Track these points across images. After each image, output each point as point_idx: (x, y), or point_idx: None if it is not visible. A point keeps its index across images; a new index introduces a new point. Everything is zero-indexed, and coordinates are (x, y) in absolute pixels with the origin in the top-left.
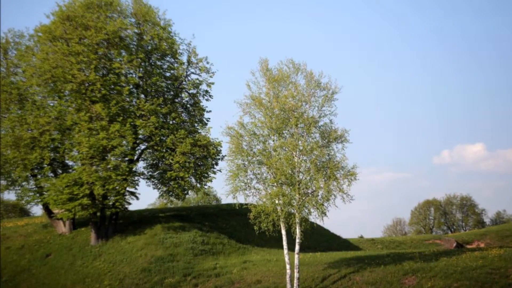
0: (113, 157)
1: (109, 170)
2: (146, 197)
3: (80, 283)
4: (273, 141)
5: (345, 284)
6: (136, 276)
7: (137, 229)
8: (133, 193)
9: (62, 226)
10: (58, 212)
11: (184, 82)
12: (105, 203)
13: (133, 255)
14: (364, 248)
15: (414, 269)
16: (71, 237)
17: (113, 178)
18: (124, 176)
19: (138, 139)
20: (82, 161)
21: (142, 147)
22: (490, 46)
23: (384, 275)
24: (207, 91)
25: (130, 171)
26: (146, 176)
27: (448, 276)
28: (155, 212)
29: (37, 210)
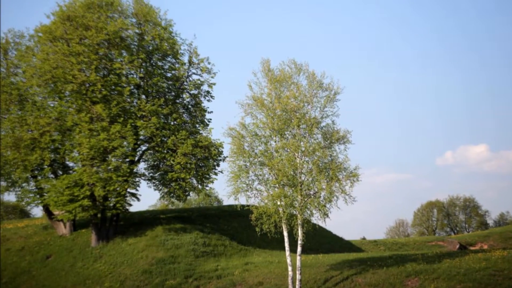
0: (114, 158)
1: (110, 171)
2: (147, 198)
3: (81, 285)
4: (275, 142)
5: (348, 286)
6: (137, 278)
7: (138, 230)
8: (134, 195)
9: (63, 227)
10: (59, 213)
11: (185, 83)
12: (105, 204)
13: (134, 256)
14: (367, 249)
15: (417, 271)
16: (72, 238)
17: (114, 179)
18: (125, 177)
19: (139, 140)
20: (83, 162)
21: (143, 148)
22: (492, 46)
23: (386, 277)
24: (208, 92)
25: (131, 172)
26: (147, 177)
27: (451, 278)
28: (156, 214)
29: (37, 211)
